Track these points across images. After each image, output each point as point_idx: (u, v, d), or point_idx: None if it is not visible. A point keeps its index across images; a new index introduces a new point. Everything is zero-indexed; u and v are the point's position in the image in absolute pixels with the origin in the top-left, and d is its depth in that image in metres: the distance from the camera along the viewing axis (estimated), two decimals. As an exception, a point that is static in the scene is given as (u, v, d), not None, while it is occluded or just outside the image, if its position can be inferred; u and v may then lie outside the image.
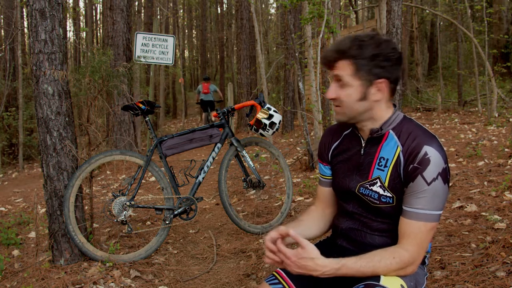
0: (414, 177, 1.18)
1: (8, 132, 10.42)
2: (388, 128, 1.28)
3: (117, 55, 6.61)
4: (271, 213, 3.58)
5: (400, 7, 4.27)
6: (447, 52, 18.92)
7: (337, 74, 1.24)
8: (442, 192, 1.17)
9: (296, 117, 11.39)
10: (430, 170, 1.15)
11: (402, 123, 1.27)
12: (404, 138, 1.23)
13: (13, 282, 2.38)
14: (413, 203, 1.18)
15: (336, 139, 1.44)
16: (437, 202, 1.17)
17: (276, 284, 1.34)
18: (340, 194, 1.41)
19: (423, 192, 1.16)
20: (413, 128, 1.24)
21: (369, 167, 1.29)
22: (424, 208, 1.17)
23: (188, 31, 30.85)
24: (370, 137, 1.30)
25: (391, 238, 1.27)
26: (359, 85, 1.23)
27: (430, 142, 1.18)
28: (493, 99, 7.85)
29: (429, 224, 1.17)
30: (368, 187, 1.28)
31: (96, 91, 2.82)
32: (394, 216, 1.25)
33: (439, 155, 1.16)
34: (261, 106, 3.15)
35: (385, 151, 1.26)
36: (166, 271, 2.58)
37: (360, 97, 1.24)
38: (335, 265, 1.15)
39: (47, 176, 2.51)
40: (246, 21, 11.20)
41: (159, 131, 11.79)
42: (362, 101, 1.24)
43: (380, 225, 1.29)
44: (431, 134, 1.22)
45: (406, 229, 1.19)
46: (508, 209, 2.78)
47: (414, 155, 1.18)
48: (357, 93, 1.24)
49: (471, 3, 10.15)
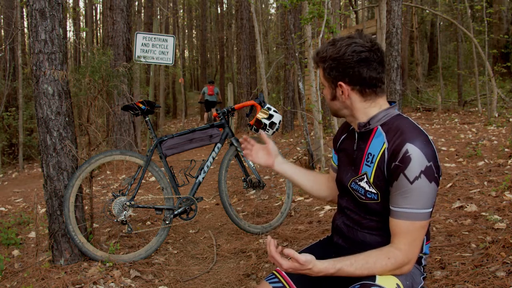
0: (396, 175, 1.16)
1: (8, 132, 10.42)
2: (376, 124, 1.28)
3: (117, 55, 6.61)
4: (271, 213, 3.58)
5: (400, 7, 4.27)
6: (447, 52, 18.93)
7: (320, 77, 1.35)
8: (428, 191, 1.15)
9: (296, 117, 11.39)
10: (412, 168, 1.14)
11: (393, 120, 1.26)
12: (391, 135, 1.22)
13: (13, 282, 2.38)
14: (399, 203, 1.17)
15: (345, 132, 1.47)
16: (423, 201, 1.15)
17: (276, 283, 1.34)
18: (338, 187, 1.44)
19: (407, 191, 1.15)
20: (402, 125, 1.22)
21: (359, 163, 1.31)
22: (410, 207, 1.16)
23: (188, 31, 30.85)
24: (360, 132, 1.32)
25: (381, 237, 1.27)
26: (328, 86, 1.32)
27: (413, 140, 1.16)
28: (493, 99, 7.85)
29: (417, 223, 1.16)
30: (358, 182, 1.29)
31: (96, 91, 2.82)
32: (381, 214, 1.25)
33: (421, 153, 1.14)
34: (261, 106, 3.15)
35: (372, 147, 1.27)
36: (166, 271, 2.58)
37: (331, 97, 1.33)
38: (331, 270, 1.15)
39: (47, 176, 2.51)
40: (246, 21, 11.21)
41: (159, 131, 11.79)
42: (334, 100, 1.33)
43: (369, 223, 1.29)
44: (418, 131, 1.19)
45: (396, 228, 1.19)
46: (508, 209, 2.78)
47: (396, 152, 1.17)
48: (328, 93, 1.33)
49: (471, 3, 10.15)
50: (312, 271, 1.14)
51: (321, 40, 4.31)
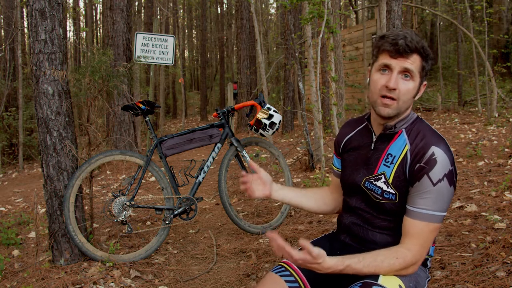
0: (420, 176, 1.18)
1: (8, 132, 10.41)
2: (402, 127, 1.28)
3: (117, 55, 6.61)
4: (271, 213, 3.58)
5: (400, 7, 4.26)
6: (447, 52, 18.93)
7: (408, 66, 1.20)
8: (447, 194, 1.17)
9: (296, 117, 11.39)
10: (436, 171, 1.16)
11: (414, 123, 1.28)
12: (413, 137, 1.24)
13: (13, 282, 2.38)
14: (418, 203, 1.18)
15: (350, 132, 1.45)
16: (441, 203, 1.17)
17: (288, 276, 1.31)
18: (346, 188, 1.41)
19: (428, 193, 1.17)
20: (423, 128, 1.24)
21: (376, 162, 1.29)
22: (428, 209, 1.17)
23: (188, 31, 30.83)
24: (383, 133, 1.30)
25: (392, 237, 1.27)
26: (418, 82, 1.24)
27: (438, 143, 1.18)
28: (493, 99, 7.85)
29: (432, 225, 1.18)
30: (373, 181, 1.28)
31: (96, 91, 2.82)
32: (395, 214, 1.25)
33: (446, 157, 1.17)
34: (261, 106, 3.15)
35: (393, 148, 1.27)
36: (166, 271, 2.57)
37: (415, 94, 1.25)
38: (340, 266, 1.14)
39: (47, 176, 2.51)
40: (246, 21, 11.20)
41: (159, 131, 11.79)
42: (413, 98, 1.26)
43: (382, 222, 1.29)
44: (440, 135, 1.22)
45: (410, 228, 1.19)
46: (508, 209, 2.78)
47: (421, 154, 1.18)
48: (415, 89, 1.24)
49: (471, 3, 10.14)
50: (322, 266, 1.12)
51: (321, 40, 4.30)
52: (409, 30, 1.22)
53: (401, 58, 1.20)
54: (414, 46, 1.18)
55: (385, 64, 1.21)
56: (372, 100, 1.26)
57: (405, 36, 1.19)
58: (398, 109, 1.22)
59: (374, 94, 1.24)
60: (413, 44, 1.18)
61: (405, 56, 1.19)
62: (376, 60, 1.26)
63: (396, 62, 1.20)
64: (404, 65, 1.20)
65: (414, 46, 1.18)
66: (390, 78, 1.21)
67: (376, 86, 1.23)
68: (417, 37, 1.20)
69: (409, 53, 1.19)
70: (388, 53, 1.21)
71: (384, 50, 1.22)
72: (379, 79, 1.23)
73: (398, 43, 1.18)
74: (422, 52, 1.20)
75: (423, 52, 1.20)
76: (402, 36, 1.19)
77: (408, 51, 1.19)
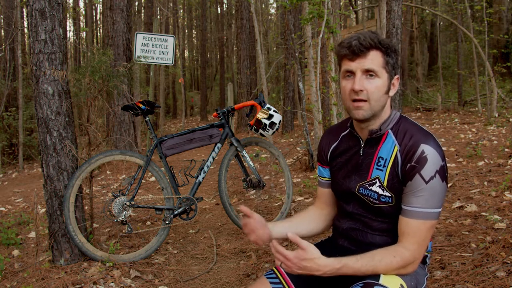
0: (412, 176, 1.18)
1: (8, 132, 10.41)
2: (387, 128, 1.28)
3: (117, 55, 6.61)
4: (271, 213, 3.58)
5: (400, 7, 4.27)
6: (447, 52, 18.94)
7: (368, 65, 1.19)
8: (440, 190, 1.17)
9: (296, 117, 11.39)
10: (428, 168, 1.16)
11: (399, 122, 1.28)
12: (401, 137, 1.24)
13: (13, 282, 2.38)
14: (412, 202, 1.18)
15: (334, 140, 1.43)
16: (436, 200, 1.17)
17: (274, 279, 1.33)
18: (340, 195, 1.40)
19: (421, 191, 1.17)
20: (410, 127, 1.24)
21: (368, 167, 1.29)
22: (422, 207, 1.17)
23: (188, 31, 30.83)
24: (369, 138, 1.30)
25: (391, 237, 1.27)
26: (386, 78, 1.23)
27: (427, 141, 1.18)
28: (493, 99, 7.85)
29: (428, 222, 1.18)
30: (368, 187, 1.28)
31: (96, 91, 2.82)
32: (394, 215, 1.26)
33: (436, 153, 1.17)
34: (261, 106, 3.15)
35: (383, 151, 1.26)
36: (166, 271, 2.58)
37: (386, 90, 1.24)
38: (336, 265, 1.15)
39: (47, 176, 2.51)
40: (246, 21, 11.20)
41: (159, 131, 11.79)
42: (386, 94, 1.24)
43: (381, 225, 1.29)
44: (427, 132, 1.22)
45: (406, 228, 1.20)
46: (508, 209, 2.78)
47: (411, 154, 1.18)
48: (384, 86, 1.22)
49: (471, 3, 10.14)
50: (318, 264, 1.13)
51: (321, 40, 4.31)
52: (367, 31, 1.23)
53: (359, 59, 1.20)
54: (369, 43, 1.18)
55: (347, 70, 1.23)
56: (346, 107, 1.28)
57: (358, 36, 1.20)
58: (371, 109, 1.22)
59: (346, 101, 1.26)
60: (366, 42, 1.18)
61: (362, 55, 1.19)
62: (340, 68, 1.28)
63: (355, 64, 1.21)
64: (364, 65, 1.20)
65: (368, 43, 1.18)
66: (354, 81, 1.21)
67: (345, 92, 1.25)
68: (373, 34, 1.20)
69: (365, 51, 1.19)
70: (347, 58, 1.22)
71: (343, 56, 1.23)
72: (346, 85, 1.24)
73: (352, 44, 1.19)
74: (381, 47, 1.20)
75: (381, 47, 1.20)
76: (355, 38, 1.20)
77: (363, 50, 1.19)
